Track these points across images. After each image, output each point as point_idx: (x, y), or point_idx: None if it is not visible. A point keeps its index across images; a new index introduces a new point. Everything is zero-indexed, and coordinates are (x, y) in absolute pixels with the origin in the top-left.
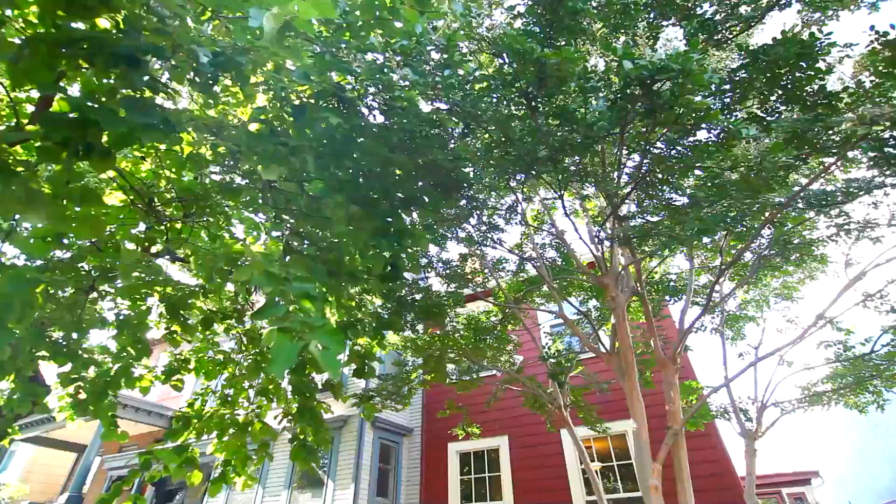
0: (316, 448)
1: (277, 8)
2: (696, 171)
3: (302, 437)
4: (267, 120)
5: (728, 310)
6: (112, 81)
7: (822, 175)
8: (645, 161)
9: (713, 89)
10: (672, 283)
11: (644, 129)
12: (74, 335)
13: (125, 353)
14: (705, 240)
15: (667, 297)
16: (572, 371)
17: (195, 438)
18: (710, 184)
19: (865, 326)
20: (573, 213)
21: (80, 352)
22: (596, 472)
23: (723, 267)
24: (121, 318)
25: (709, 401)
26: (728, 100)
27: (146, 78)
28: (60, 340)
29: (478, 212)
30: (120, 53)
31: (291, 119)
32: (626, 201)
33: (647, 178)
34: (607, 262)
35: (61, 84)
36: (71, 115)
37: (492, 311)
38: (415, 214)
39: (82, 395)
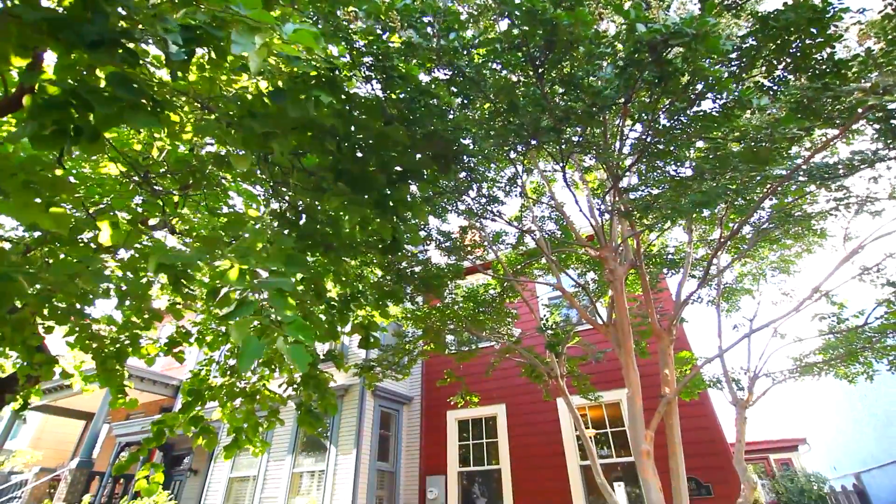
0: (322, 414)
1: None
2: (700, 143)
3: (308, 403)
4: (246, 101)
5: (725, 282)
6: (87, 57)
7: (826, 147)
8: (648, 132)
9: (724, 57)
10: (670, 256)
11: (649, 100)
12: (79, 305)
13: (131, 324)
14: (705, 213)
15: (664, 270)
16: (569, 342)
17: (200, 406)
18: (713, 156)
19: (859, 300)
20: (573, 185)
21: (86, 321)
22: (590, 438)
23: (722, 240)
24: (122, 289)
25: (702, 371)
26: (735, 68)
27: (121, 51)
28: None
29: (477, 184)
30: (84, 36)
31: (271, 102)
32: (627, 174)
33: (650, 150)
34: (606, 236)
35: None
36: (58, 98)
37: (491, 283)
38: (413, 188)
39: (91, 365)
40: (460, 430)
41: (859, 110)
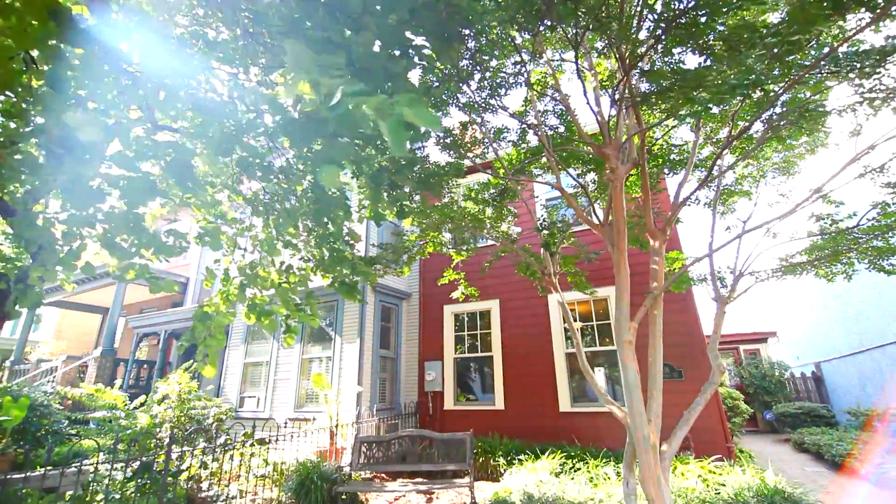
0: (356, 284)
1: None
2: (727, 22)
3: (340, 278)
4: None
5: (725, 184)
6: None
7: (859, 33)
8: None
9: None
10: (673, 156)
11: None
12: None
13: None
14: (715, 109)
15: (665, 171)
16: (564, 242)
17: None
18: (739, 38)
19: (854, 204)
20: (582, 75)
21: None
22: (577, 329)
23: (730, 138)
24: (122, 185)
25: (690, 269)
26: None
27: None
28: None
29: (479, 72)
30: None
31: None
32: (640, 63)
33: (675, 24)
34: (611, 132)
35: None
36: None
37: (491, 182)
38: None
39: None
40: (456, 322)
41: None
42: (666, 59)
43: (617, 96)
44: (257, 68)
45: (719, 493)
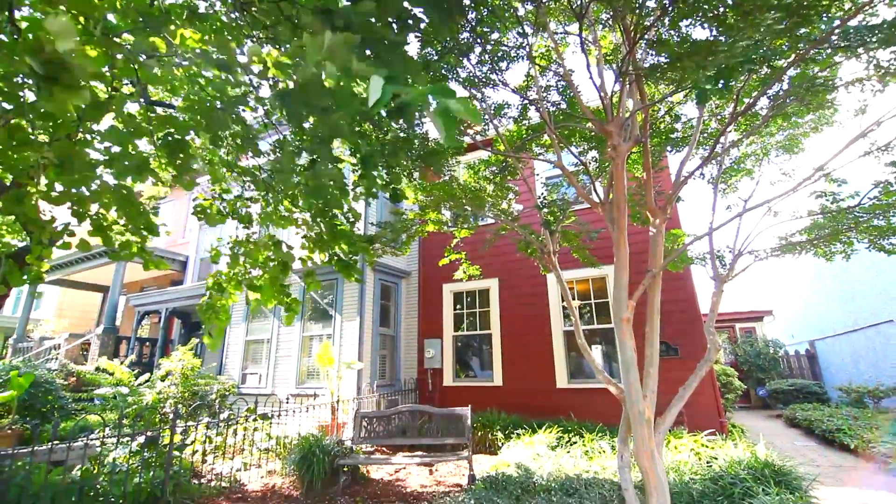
0: (354, 263)
1: None
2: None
3: (338, 254)
4: None
5: (729, 159)
6: None
7: (868, 5)
8: None
9: None
10: (677, 134)
11: None
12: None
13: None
14: (721, 84)
15: (668, 149)
16: (564, 220)
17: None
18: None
19: (856, 183)
20: (586, 48)
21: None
22: (575, 308)
23: (736, 114)
24: (118, 159)
25: (689, 248)
26: None
27: None
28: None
29: (480, 43)
30: None
31: None
32: (646, 36)
33: None
34: (614, 109)
35: None
36: None
37: (492, 159)
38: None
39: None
40: (455, 301)
41: None
42: (672, 32)
43: (622, 69)
44: (252, 42)
45: (711, 466)
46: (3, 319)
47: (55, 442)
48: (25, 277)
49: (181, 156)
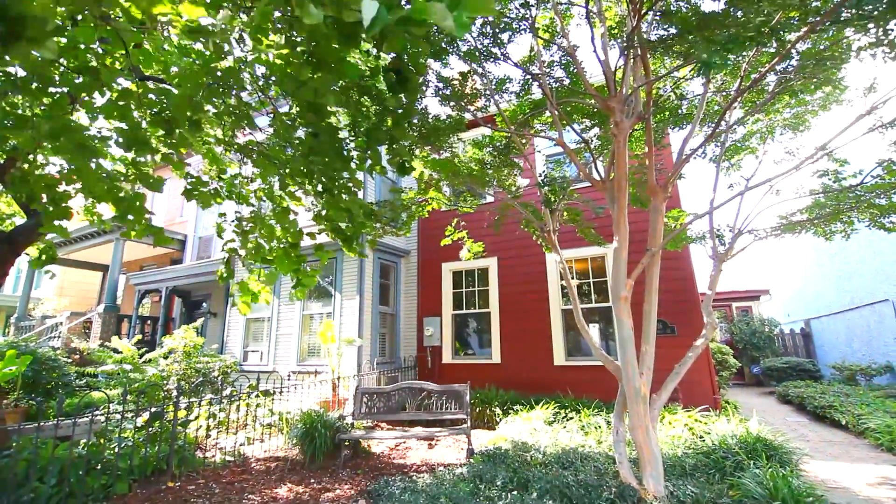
0: (356, 235)
1: None
2: None
3: (340, 226)
4: None
5: (732, 139)
6: None
7: None
8: None
9: None
10: (682, 111)
11: None
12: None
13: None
14: (729, 58)
15: (671, 126)
16: (565, 199)
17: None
18: None
19: (859, 162)
20: (591, 19)
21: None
22: (574, 286)
23: (741, 89)
24: (116, 136)
25: (689, 227)
26: None
27: None
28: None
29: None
30: None
31: None
32: (653, 7)
33: None
34: (618, 85)
35: None
36: None
37: (494, 136)
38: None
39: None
40: (454, 279)
41: None
42: (681, 3)
43: (627, 42)
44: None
45: (704, 441)
46: (3, 298)
47: (61, 418)
48: (43, 258)
49: (176, 131)
